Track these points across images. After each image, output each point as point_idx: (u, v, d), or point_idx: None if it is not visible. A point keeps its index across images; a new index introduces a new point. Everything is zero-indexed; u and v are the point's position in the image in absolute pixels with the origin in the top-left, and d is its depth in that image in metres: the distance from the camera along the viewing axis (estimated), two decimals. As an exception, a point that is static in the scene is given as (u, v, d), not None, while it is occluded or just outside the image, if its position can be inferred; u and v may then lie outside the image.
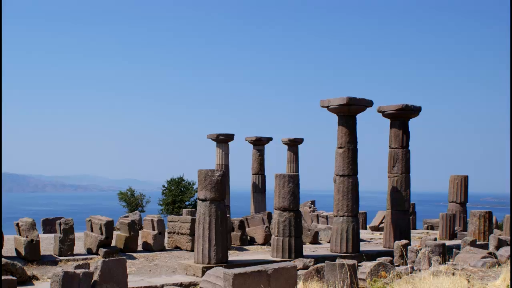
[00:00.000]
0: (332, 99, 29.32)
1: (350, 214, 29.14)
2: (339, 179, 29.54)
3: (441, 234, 36.94)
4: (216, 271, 17.50)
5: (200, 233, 24.46)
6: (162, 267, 25.54)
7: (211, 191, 24.27)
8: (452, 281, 12.60)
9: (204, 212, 24.35)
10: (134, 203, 57.56)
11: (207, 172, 24.35)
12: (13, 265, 21.12)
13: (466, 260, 18.38)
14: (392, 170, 31.74)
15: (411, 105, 31.20)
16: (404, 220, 31.50)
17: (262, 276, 14.83)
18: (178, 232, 29.48)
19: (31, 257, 24.52)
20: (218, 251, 24.26)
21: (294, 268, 15.89)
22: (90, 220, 27.71)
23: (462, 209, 40.58)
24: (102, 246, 26.47)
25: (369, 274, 18.72)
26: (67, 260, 25.30)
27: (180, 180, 57.75)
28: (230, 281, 14.39)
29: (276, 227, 27.42)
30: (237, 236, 31.27)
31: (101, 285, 18.88)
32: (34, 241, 24.75)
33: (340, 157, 29.42)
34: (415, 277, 14.74)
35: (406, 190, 31.59)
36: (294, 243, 27.14)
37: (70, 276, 16.89)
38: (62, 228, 26.22)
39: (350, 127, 29.43)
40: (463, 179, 40.68)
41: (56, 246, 26.30)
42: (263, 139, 48.10)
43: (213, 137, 46.84)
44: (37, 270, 23.38)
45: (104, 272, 19.04)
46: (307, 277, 18.97)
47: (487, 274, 14.61)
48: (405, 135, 31.58)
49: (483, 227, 33.42)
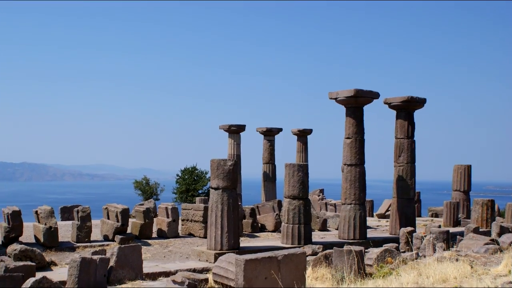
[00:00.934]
0: (340, 91, 29.33)
1: (357, 202, 29.17)
2: (346, 168, 29.56)
3: (445, 222, 36.92)
4: (228, 257, 17.57)
5: (212, 221, 24.52)
6: (176, 253, 25.59)
7: (223, 180, 24.31)
8: (456, 266, 12.61)
9: (217, 200, 24.40)
10: (149, 192, 57.65)
11: (219, 162, 24.39)
12: (32, 251, 21.22)
13: (469, 246, 18.38)
14: (398, 159, 31.75)
15: (416, 97, 31.21)
16: (409, 208, 31.52)
17: (272, 262, 14.87)
18: (191, 220, 29.54)
19: (50, 244, 24.62)
20: (230, 238, 24.31)
21: (304, 254, 15.92)
22: (107, 208, 27.79)
23: (465, 197, 40.56)
24: (118, 233, 26.56)
25: (376, 260, 18.76)
26: (84, 246, 25.40)
27: (194, 169, 57.81)
28: (241, 266, 14.43)
29: (286, 214, 27.45)
30: (248, 224, 31.32)
31: (117, 270, 18.98)
32: (53, 228, 24.84)
33: (348, 147, 29.44)
34: (420, 263, 14.77)
35: (412, 179, 31.61)
36: (303, 230, 27.17)
37: (87, 261, 16.97)
38: (80, 216, 26.31)
39: (357, 118, 29.44)
40: (466, 168, 40.63)
41: (73, 233, 26.39)
42: (274, 130, 48.15)
43: (225, 128, 46.82)
44: (55, 256, 23.47)
45: (120, 258, 19.14)
46: (316, 263, 19.02)
47: (489, 260, 14.62)
48: (410, 126, 31.57)
49: (485, 214, 33.40)
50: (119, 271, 19.08)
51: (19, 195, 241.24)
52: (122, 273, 19.10)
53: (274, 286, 14.48)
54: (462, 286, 9.55)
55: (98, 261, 17.39)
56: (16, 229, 24.17)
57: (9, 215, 24.12)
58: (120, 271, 19.10)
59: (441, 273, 12.17)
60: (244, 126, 46.83)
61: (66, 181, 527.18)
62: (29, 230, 26.47)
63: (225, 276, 16.95)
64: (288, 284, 14.56)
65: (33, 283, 13.19)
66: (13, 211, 24.30)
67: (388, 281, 12.07)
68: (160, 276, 20.61)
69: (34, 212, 26.20)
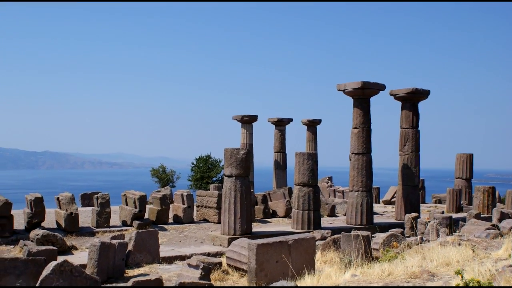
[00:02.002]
0: (348, 83, 29.32)
1: (364, 189, 29.17)
2: (354, 156, 29.55)
3: (448, 208, 36.88)
4: (241, 242, 17.62)
5: (226, 207, 24.55)
6: (191, 238, 25.65)
7: (237, 168, 24.34)
8: (458, 250, 12.61)
9: (230, 187, 24.43)
10: (165, 179, 57.84)
11: (232, 151, 24.41)
12: (54, 236, 21.30)
13: (471, 231, 18.36)
14: (403, 148, 31.72)
15: (421, 89, 31.17)
16: (414, 195, 31.50)
17: (283, 246, 14.90)
18: (206, 206, 29.59)
19: (71, 229, 24.70)
20: (242, 223, 24.34)
21: (313, 239, 15.95)
22: (125, 195, 27.85)
23: (467, 185, 40.52)
24: (136, 219, 26.63)
25: (382, 244, 18.76)
26: (104, 231, 25.47)
27: (208, 158, 57.95)
28: (254, 250, 14.47)
29: (296, 201, 27.48)
30: (260, 210, 31.35)
31: (135, 254, 19.04)
32: (73, 214, 24.92)
33: (355, 137, 29.43)
34: (424, 247, 14.76)
35: (416, 167, 31.59)
36: (312, 215, 27.19)
37: (106, 246, 17.02)
38: (99, 202, 26.38)
39: (364, 109, 29.41)
40: (468, 157, 40.59)
41: (93, 219, 26.47)
42: (284, 120, 48.11)
43: (238, 118, 46.82)
44: (76, 241, 23.56)
45: (137, 243, 19.20)
46: (324, 247, 19.05)
47: (490, 245, 14.60)
48: (415, 116, 31.54)
49: (486, 201, 33.34)
50: (137, 255, 19.14)
51: (42, 182, 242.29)
52: (140, 257, 19.17)
53: (285, 269, 14.52)
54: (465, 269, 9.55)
55: (116, 245, 17.44)
56: (38, 215, 24.25)
57: (31, 201, 24.20)
58: (137, 255, 19.16)
59: (444, 257, 12.17)
60: (256, 116, 46.81)
61: (86, 169, 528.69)
62: (51, 216, 26.56)
63: (238, 259, 17.01)
64: (298, 267, 14.59)
65: (55, 267, 13.22)
66: (35, 197, 24.38)
67: (394, 264, 12.07)
68: (176, 259, 20.67)
69: (55, 198, 26.27)
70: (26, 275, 14.24)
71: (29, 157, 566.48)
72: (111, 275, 17.02)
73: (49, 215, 26.40)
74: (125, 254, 17.99)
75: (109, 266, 16.98)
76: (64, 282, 13.20)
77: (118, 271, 17.27)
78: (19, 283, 14.07)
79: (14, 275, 14.12)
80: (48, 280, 13.02)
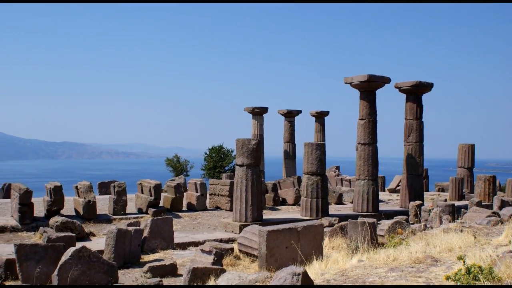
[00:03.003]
0: (355, 76, 29.28)
1: (370, 178, 29.16)
2: (360, 147, 29.53)
3: (451, 196, 36.83)
4: (252, 228, 17.64)
5: (238, 195, 24.57)
6: (204, 225, 25.69)
7: (248, 157, 24.35)
8: (461, 237, 12.57)
9: (242, 176, 24.45)
10: (179, 168, 57.78)
11: (244, 141, 24.42)
12: (72, 223, 21.40)
13: (472, 218, 18.32)
14: (407, 139, 31.70)
15: (424, 82, 31.14)
16: (418, 183, 31.48)
17: (292, 233, 14.91)
18: (218, 194, 29.62)
19: (89, 216, 24.81)
20: (253, 211, 24.36)
21: (321, 225, 15.94)
22: (141, 183, 27.91)
23: (469, 174, 40.46)
24: (151, 206, 26.69)
25: (387, 231, 18.75)
26: (120, 218, 25.56)
27: (220, 148, 57.88)
28: (264, 237, 14.48)
29: (305, 189, 27.49)
30: (270, 198, 31.35)
31: (150, 240, 19.10)
32: (91, 201, 25.01)
33: (362, 128, 29.40)
34: (428, 233, 14.73)
35: (420, 156, 31.57)
36: (321, 203, 27.20)
37: (123, 232, 17.07)
38: (116, 190, 26.45)
39: (370, 101, 29.38)
40: (470, 147, 40.53)
41: (110, 206, 26.55)
42: (294, 112, 48.14)
43: (249, 110, 46.80)
44: (94, 228, 23.66)
45: (153, 229, 19.26)
46: (332, 233, 19.05)
47: (491, 231, 14.56)
48: (419, 108, 31.51)
49: (488, 189, 33.28)
50: (152, 241, 19.20)
51: (61, 171, 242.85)
52: (155, 243, 19.22)
53: (294, 254, 14.52)
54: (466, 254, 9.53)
55: (133, 232, 17.50)
56: (57, 202, 24.35)
57: (51, 189, 24.29)
58: (153, 241, 19.22)
59: (447, 243, 12.14)
60: (267, 108, 46.77)
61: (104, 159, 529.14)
62: (70, 204, 26.65)
63: (249, 245, 17.03)
64: (307, 253, 14.59)
65: (74, 252, 13.27)
66: (55, 186, 24.47)
67: (399, 250, 12.04)
68: (189, 245, 20.72)
69: (74, 187, 26.37)
70: (46, 261, 14.30)
71: (48, 147, 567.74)
72: (128, 260, 17.09)
73: (68, 203, 26.49)
74: (141, 240, 18.06)
75: (125, 252, 17.04)
76: (82, 267, 13.25)
77: (134, 257, 17.33)
78: (39, 268, 14.13)
79: (35, 260, 14.19)
80: (67, 265, 13.06)
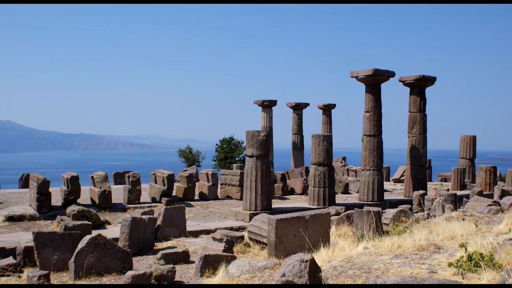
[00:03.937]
0: (360, 70, 29.24)
1: (375, 168, 29.13)
2: (366, 138, 29.50)
3: (453, 186, 36.77)
4: (261, 217, 17.67)
5: (248, 185, 24.59)
6: (215, 214, 25.71)
7: (257, 148, 24.35)
8: (462, 225, 12.57)
9: (251, 167, 24.46)
10: (191, 159, 57.87)
11: (253, 133, 24.42)
12: (88, 211, 21.44)
13: (474, 207, 18.31)
14: (411, 131, 31.68)
15: (428, 76, 31.08)
16: (421, 174, 31.46)
17: (300, 221, 14.92)
18: (229, 184, 29.65)
19: (104, 205, 24.87)
20: (263, 200, 24.37)
21: (328, 214, 15.95)
22: (154, 174, 27.96)
23: (471, 164, 40.41)
24: (164, 196, 26.74)
25: (392, 219, 18.75)
26: (135, 207, 25.61)
27: (231, 139, 57.91)
28: (273, 225, 14.50)
29: (313, 179, 27.49)
30: (279, 187, 31.38)
31: (163, 228, 19.14)
32: (107, 191, 25.06)
33: (367, 120, 29.36)
34: (431, 222, 14.72)
35: (423, 148, 31.54)
36: (328, 193, 27.21)
37: (137, 221, 17.11)
38: (130, 180, 26.51)
39: (375, 94, 29.33)
40: (472, 138, 40.49)
41: (125, 196, 26.61)
42: (302, 105, 48.13)
43: (259, 103, 46.78)
44: (109, 216, 23.71)
45: (166, 218, 19.30)
46: (339, 222, 19.06)
47: (492, 220, 14.55)
48: (422, 101, 31.47)
49: (488, 179, 33.18)
50: (165, 229, 19.24)
51: (77, 162, 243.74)
52: (168, 231, 19.27)
53: (302, 242, 14.54)
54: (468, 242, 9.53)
55: (146, 220, 17.53)
56: (74, 192, 24.42)
57: (68, 179, 24.36)
58: (166, 229, 19.26)
59: (449, 231, 12.14)
60: (276, 101, 46.75)
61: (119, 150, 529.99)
62: (86, 193, 26.71)
63: (259, 233, 17.06)
64: (314, 241, 14.61)
65: (90, 240, 13.33)
66: (71, 176, 24.54)
67: (403, 238, 12.06)
68: (201, 233, 20.74)
69: (90, 177, 26.44)
70: (63, 248, 14.36)
71: (65, 139, 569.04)
72: (142, 247, 17.13)
73: (84, 192, 26.55)
74: (154, 228, 18.10)
75: (139, 240, 17.08)
76: (98, 254, 13.31)
77: (148, 244, 17.38)
78: (56, 255, 14.20)
79: (52, 247, 14.26)
80: (83, 253, 13.12)
